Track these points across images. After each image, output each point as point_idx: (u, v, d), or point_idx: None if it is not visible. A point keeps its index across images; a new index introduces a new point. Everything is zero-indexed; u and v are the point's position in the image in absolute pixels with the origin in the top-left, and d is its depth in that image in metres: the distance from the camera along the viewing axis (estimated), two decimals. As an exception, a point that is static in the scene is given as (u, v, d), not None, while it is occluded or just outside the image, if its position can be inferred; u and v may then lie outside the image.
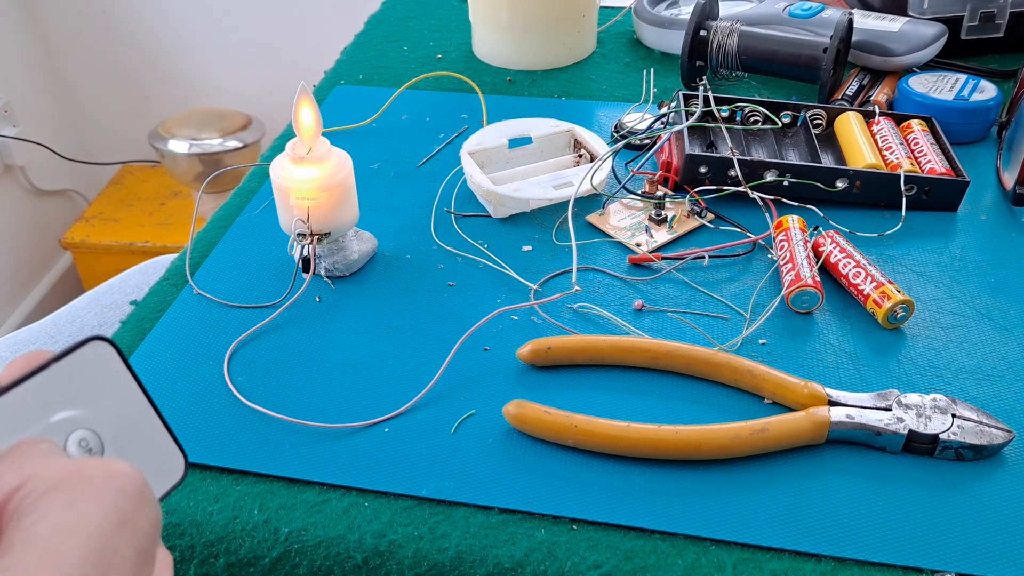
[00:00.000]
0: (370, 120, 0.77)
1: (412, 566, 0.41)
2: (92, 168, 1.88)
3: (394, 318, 0.55)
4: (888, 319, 0.52)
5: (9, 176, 1.68)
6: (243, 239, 0.62)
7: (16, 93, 1.68)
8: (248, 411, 0.48)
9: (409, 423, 0.47)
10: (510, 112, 0.78)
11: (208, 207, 1.63)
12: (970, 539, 0.41)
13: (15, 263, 1.71)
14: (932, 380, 0.49)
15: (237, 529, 0.43)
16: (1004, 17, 0.81)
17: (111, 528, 0.16)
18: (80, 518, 0.16)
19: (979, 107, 0.70)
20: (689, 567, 0.40)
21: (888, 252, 0.59)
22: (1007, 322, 0.53)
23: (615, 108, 0.78)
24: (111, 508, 0.17)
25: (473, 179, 0.64)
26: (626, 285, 0.57)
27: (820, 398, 0.46)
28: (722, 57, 0.79)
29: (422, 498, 0.44)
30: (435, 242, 0.61)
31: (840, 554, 0.40)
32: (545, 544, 0.41)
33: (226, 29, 1.71)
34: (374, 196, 0.67)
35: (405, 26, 0.97)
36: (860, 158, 0.64)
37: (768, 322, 0.53)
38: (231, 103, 1.78)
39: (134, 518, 0.17)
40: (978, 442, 0.44)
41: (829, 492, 0.43)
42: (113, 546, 0.16)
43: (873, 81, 0.79)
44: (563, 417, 0.45)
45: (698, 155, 0.63)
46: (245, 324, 0.54)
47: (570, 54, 0.87)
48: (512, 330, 0.53)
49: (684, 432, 0.44)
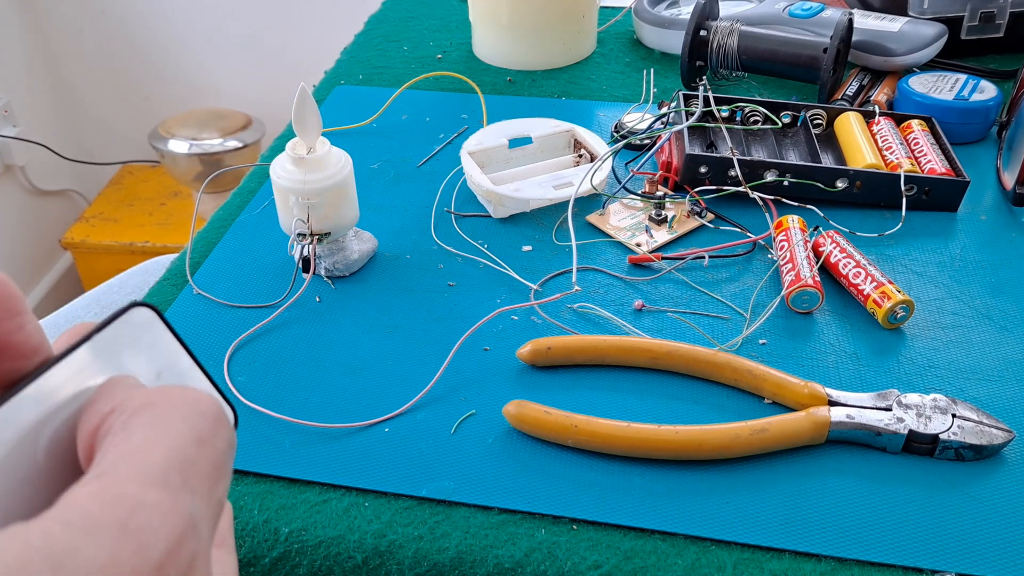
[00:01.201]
0: (370, 120, 0.77)
1: (412, 566, 0.41)
2: (92, 168, 1.88)
3: (394, 318, 0.55)
4: (888, 319, 0.52)
5: (9, 176, 1.68)
6: (243, 239, 0.62)
7: (16, 93, 1.68)
8: (248, 411, 0.48)
9: (409, 423, 0.47)
10: (510, 112, 0.78)
11: (208, 207, 1.63)
12: (970, 539, 0.41)
13: (15, 263, 1.71)
14: (932, 380, 0.49)
15: (237, 529, 0.43)
16: (1004, 17, 0.81)
17: (191, 443, 0.19)
18: (163, 434, 0.18)
19: (979, 107, 0.70)
20: (689, 567, 0.40)
21: (888, 252, 0.59)
22: (1007, 322, 0.53)
23: (615, 108, 0.78)
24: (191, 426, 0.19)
25: (473, 179, 0.64)
26: (626, 285, 0.57)
27: (820, 398, 0.46)
28: (722, 57, 0.79)
29: (422, 498, 0.44)
30: (435, 242, 0.61)
31: (840, 554, 0.40)
32: (545, 544, 0.41)
33: (226, 29, 1.71)
34: (374, 196, 0.67)
35: (405, 26, 0.97)
36: (860, 158, 0.64)
37: (768, 322, 0.53)
38: (231, 103, 1.78)
39: (212, 436, 0.19)
40: (978, 442, 0.44)
41: (829, 492, 0.43)
42: (192, 458, 0.18)
43: (873, 81, 0.79)
44: (563, 417, 0.45)
45: (698, 155, 0.63)
46: (245, 324, 0.54)
47: (570, 54, 0.87)
48: (512, 330, 0.53)
49: (684, 432, 0.44)
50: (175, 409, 0.19)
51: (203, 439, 0.19)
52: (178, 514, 0.17)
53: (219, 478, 0.19)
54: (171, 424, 0.19)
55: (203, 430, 0.19)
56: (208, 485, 0.19)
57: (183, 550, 0.17)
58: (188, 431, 0.19)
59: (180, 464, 0.18)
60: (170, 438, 0.18)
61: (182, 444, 0.18)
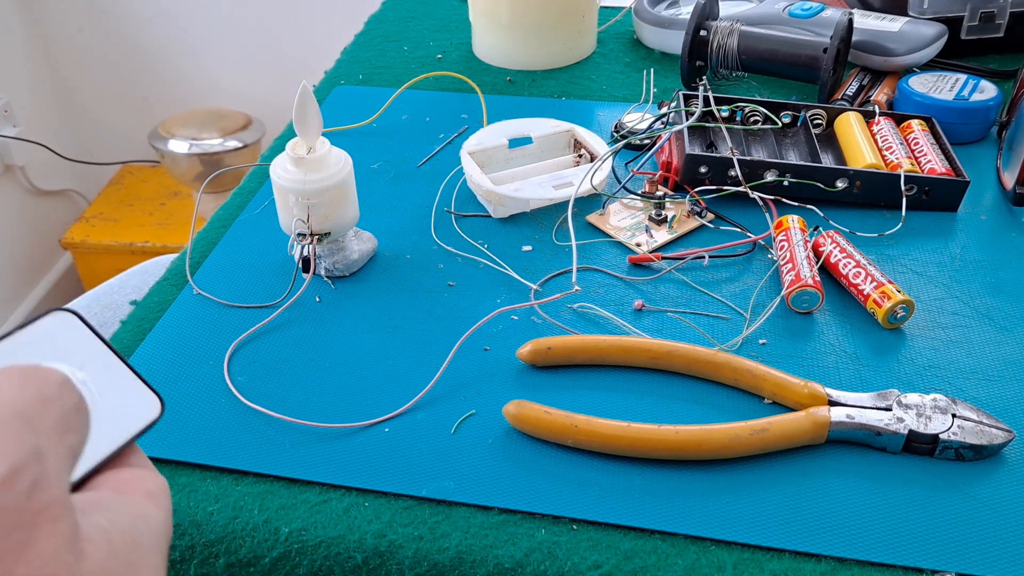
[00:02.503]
0: (370, 120, 0.77)
1: (412, 566, 0.41)
2: (92, 168, 1.88)
3: (394, 318, 0.55)
4: (888, 319, 0.52)
5: (9, 176, 1.68)
6: (243, 239, 0.62)
7: (16, 93, 1.68)
8: (248, 411, 0.48)
9: (409, 423, 0.47)
10: (510, 112, 0.78)
11: (208, 207, 1.63)
12: (970, 539, 0.41)
13: (15, 263, 1.71)
14: (932, 380, 0.49)
15: (237, 529, 0.43)
16: (1004, 17, 0.81)
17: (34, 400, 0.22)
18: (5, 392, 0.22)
19: (979, 107, 0.70)
20: (689, 567, 0.40)
21: (888, 252, 0.59)
22: (1007, 322, 0.53)
23: (615, 108, 0.78)
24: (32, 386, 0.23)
25: (473, 179, 0.64)
26: (626, 285, 0.57)
27: (820, 398, 0.46)
28: (722, 57, 0.79)
29: (422, 498, 0.44)
30: (435, 242, 0.61)
31: (840, 554, 0.40)
32: (545, 544, 0.41)
33: (226, 29, 1.71)
34: (374, 196, 0.67)
35: (405, 26, 0.97)
36: (860, 158, 0.64)
37: (768, 322, 0.53)
38: (231, 103, 1.78)
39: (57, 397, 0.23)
40: (978, 442, 0.44)
41: (829, 492, 0.43)
42: (36, 410, 0.22)
43: (873, 81, 0.79)
44: (563, 417, 0.45)
45: (698, 155, 0.63)
46: (245, 324, 0.54)
47: (570, 54, 0.87)
48: (512, 330, 0.53)
49: (684, 432, 0.44)
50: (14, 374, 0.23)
51: (47, 398, 0.22)
52: (18, 442, 0.21)
53: (67, 430, 0.23)
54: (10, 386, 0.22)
55: (46, 391, 0.23)
56: (57, 432, 0.22)
57: (25, 472, 0.20)
58: (30, 390, 0.22)
59: (22, 413, 0.22)
60: (10, 395, 0.22)
61: (25, 400, 0.22)
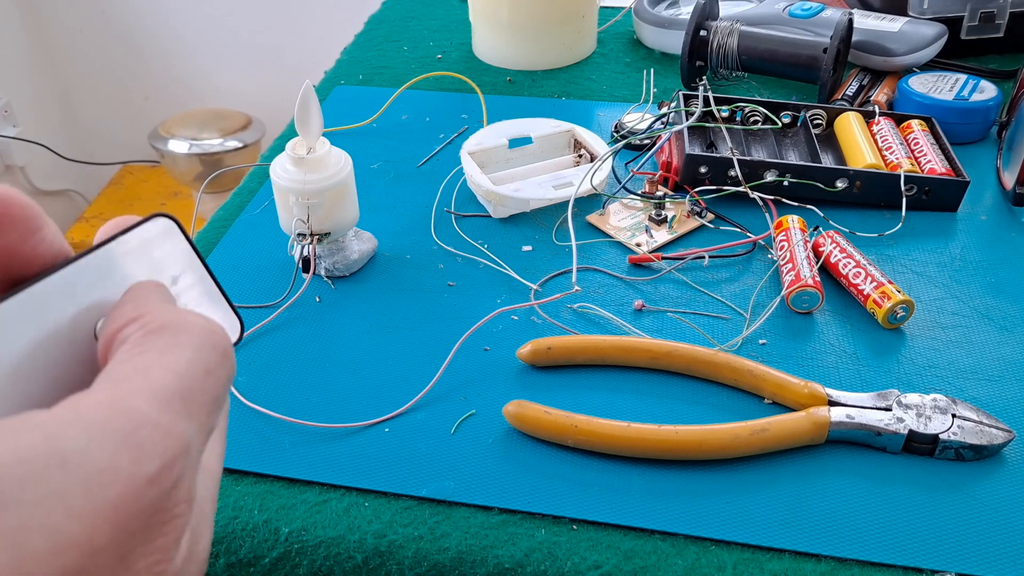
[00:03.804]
0: (370, 120, 0.77)
1: (412, 566, 0.41)
2: (92, 168, 1.88)
3: (394, 318, 0.55)
4: (888, 319, 0.52)
5: (9, 176, 1.69)
6: (243, 239, 0.62)
7: (16, 93, 1.69)
8: (248, 411, 0.48)
9: (409, 423, 0.47)
10: (510, 112, 0.78)
11: (208, 207, 1.63)
12: (970, 539, 0.41)
13: (15, 263, 1.71)
14: (932, 380, 0.49)
15: (237, 529, 0.43)
16: (1004, 17, 0.81)
17: (199, 374, 0.20)
18: (176, 360, 0.20)
19: (979, 107, 0.70)
20: (689, 567, 0.40)
21: (888, 252, 0.59)
22: (1007, 322, 0.53)
23: (615, 108, 0.78)
24: (202, 357, 0.20)
25: (473, 179, 0.64)
26: (626, 285, 0.57)
27: (820, 398, 0.46)
28: (722, 57, 0.79)
29: (422, 498, 0.44)
30: (435, 242, 0.61)
31: (840, 554, 0.40)
32: (545, 544, 0.41)
33: (226, 29, 1.71)
34: (374, 196, 0.67)
35: (405, 26, 0.97)
36: (860, 158, 0.64)
37: (768, 322, 0.53)
38: (231, 103, 1.78)
39: (217, 369, 0.21)
40: (978, 442, 0.44)
41: (829, 492, 0.43)
42: (198, 387, 0.20)
43: (873, 81, 0.79)
44: (563, 417, 0.45)
45: (698, 155, 0.63)
46: (245, 324, 0.54)
47: (570, 54, 0.87)
48: (512, 330, 0.53)
49: (684, 432, 0.44)
50: (191, 337, 0.21)
51: (210, 371, 0.20)
52: (176, 436, 0.19)
53: (215, 409, 0.21)
54: (184, 351, 0.20)
55: (211, 362, 0.20)
56: (206, 414, 0.20)
57: (174, 469, 0.18)
58: (199, 361, 0.20)
59: (186, 391, 0.19)
60: (181, 365, 0.20)
61: (192, 373, 0.20)
